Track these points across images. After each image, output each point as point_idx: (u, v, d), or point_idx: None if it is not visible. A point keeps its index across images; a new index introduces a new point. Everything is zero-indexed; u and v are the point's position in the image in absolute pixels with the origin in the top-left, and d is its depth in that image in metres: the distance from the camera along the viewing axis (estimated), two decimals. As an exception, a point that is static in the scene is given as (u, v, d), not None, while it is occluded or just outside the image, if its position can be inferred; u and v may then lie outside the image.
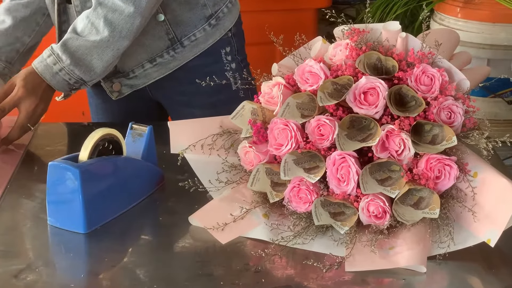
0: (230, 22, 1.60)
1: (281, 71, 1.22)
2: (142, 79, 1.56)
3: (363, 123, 1.11)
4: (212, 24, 1.56)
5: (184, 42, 1.54)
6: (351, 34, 1.16)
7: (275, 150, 1.14)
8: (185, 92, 1.61)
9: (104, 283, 1.04)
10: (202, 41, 1.56)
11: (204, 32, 1.55)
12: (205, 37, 1.56)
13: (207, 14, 1.55)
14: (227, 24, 1.59)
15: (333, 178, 1.09)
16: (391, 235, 1.09)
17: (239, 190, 1.20)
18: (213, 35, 1.57)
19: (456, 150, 1.09)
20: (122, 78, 1.55)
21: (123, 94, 1.56)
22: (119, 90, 1.55)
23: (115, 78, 1.55)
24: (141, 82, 1.56)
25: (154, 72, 1.55)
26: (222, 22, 1.58)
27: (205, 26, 1.55)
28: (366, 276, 1.03)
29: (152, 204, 1.23)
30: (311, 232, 1.11)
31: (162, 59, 1.54)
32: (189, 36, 1.54)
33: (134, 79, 1.56)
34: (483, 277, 1.04)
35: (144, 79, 1.56)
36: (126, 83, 1.55)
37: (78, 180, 1.11)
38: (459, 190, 1.08)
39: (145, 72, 1.55)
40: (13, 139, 1.41)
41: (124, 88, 1.56)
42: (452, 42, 1.30)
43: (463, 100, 1.11)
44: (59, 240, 1.14)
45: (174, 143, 1.27)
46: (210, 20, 1.55)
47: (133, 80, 1.56)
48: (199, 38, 1.55)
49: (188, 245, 1.11)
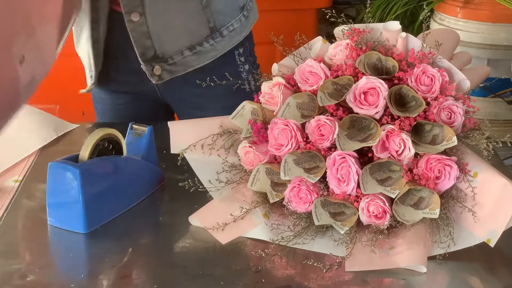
0: (254, 18, 1.60)
1: (281, 71, 1.22)
2: (181, 66, 1.54)
3: (363, 123, 1.11)
4: (246, 16, 1.57)
5: (223, 32, 1.53)
6: (351, 34, 1.16)
7: (275, 150, 1.14)
8: (199, 94, 1.58)
9: (104, 283, 1.04)
10: (238, 31, 1.56)
11: (240, 23, 1.56)
12: (241, 28, 1.56)
13: (241, 4, 1.56)
14: (252, 18, 1.59)
15: (333, 178, 1.09)
16: (391, 235, 1.09)
17: (239, 190, 1.20)
18: (245, 27, 1.57)
19: (456, 150, 1.09)
20: (162, 63, 1.52)
21: (163, 79, 1.53)
22: (159, 74, 1.53)
23: (155, 62, 1.52)
24: (181, 69, 1.54)
25: (193, 61, 1.54)
26: (251, 14, 1.59)
27: (240, 16, 1.55)
28: (366, 276, 1.03)
29: (152, 204, 1.23)
30: (311, 232, 1.11)
31: (202, 48, 1.53)
32: (227, 26, 1.54)
33: (173, 66, 1.53)
34: (483, 277, 1.04)
35: (183, 66, 1.54)
36: (166, 68, 1.53)
37: (78, 180, 1.11)
38: (459, 190, 1.08)
39: (184, 60, 1.53)
40: None
41: (164, 73, 1.53)
42: (452, 42, 1.30)
43: (463, 100, 1.11)
44: (59, 240, 1.14)
45: (174, 143, 1.27)
46: (243, 11, 1.56)
47: (172, 66, 1.53)
48: (236, 28, 1.55)
49: (188, 245, 1.11)
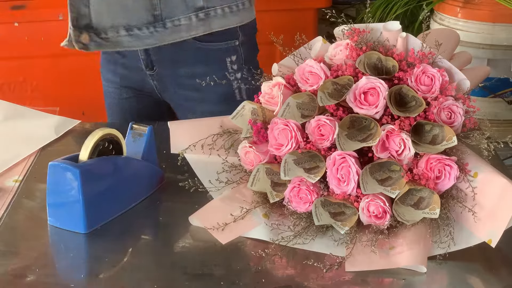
0: (219, 25, 1.54)
1: (281, 71, 1.22)
2: (112, 43, 1.50)
3: (363, 123, 1.11)
4: (200, 18, 1.51)
5: (167, 24, 1.49)
6: (351, 34, 1.16)
7: (275, 150, 1.14)
8: (190, 98, 1.59)
9: (104, 283, 1.04)
10: (185, 29, 1.51)
11: (190, 21, 1.51)
12: (189, 27, 1.51)
13: (198, 5, 1.51)
14: (214, 25, 1.53)
15: (333, 178, 1.09)
16: (391, 235, 1.09)
17: (239, 190, 1.20)
18: (196, 28, 1.52)
19: (456, 150, 1.09)
20: (93, 34, 1.48)
21: (89, 50, 1.50)
22: (86, 43, 1.49)
23: (85, 30, 1.48)
24: (111, 46, 1.50)
25: (128, 42, 1.49)
26: (211, 20, 1.53)
27: (191, 15, 1.50)
28: (366, 276, 1.03)
29: (152, 204, 1.23)
30: (311, 232, 1.11)
31: (140, 32, 1.49)
32: (173, 19, 1.50)
33: (104, 40, 1.49)
34: (483, 277, 1.04)
35: (114, 44, 1.50)
36: (95, 39, 1.49)
37: (78, 180, 1.11)
38: (459, 190, 1.08)
39: (118, 38, 1.49)
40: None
41: (92, 44, 1.49)
42: (452, 42, 1.30)
43: (463, 100, 1.11)
44: (59, 240, 1.14)
45: (174, 143, 1.27)
46: (199, 12, 1.51)
47: (103, 41, 1.49)
48: (183, 25, 1.50)
49: (188, 245, 1.11)
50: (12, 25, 2.38)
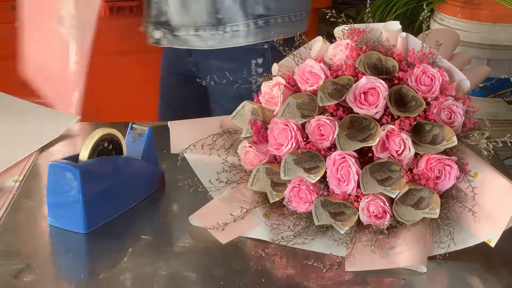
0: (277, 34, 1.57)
1: (281, 71, 1.22)
2: (181, 41, 1.61)
3: (363, 123, 1.11)
4: (259, 25, 1.58)
5: (227, 28, 1.57)
6: (351, 34, 1.16)
7: (275, 150, 1.14)
8: (214, 91, 1.66)
9: (104, 283, 1.04)
10: (243, 35, 1.58)
11: (247, 28, 1.57)
12: (247, 33, 1.58)
13: (257, 12, 1.57)
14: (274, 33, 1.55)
15: (333, 178, 1.09)
16: (391, 235, 1.09)
17: (239, 190, 1.20)
18: (255, 35, 1.58)
19: (456, 150, 1.09)
20: (167, 31, 1.60)
21: (160, 44, 1.62)
22: (158, 38, 1.61)
23: (161, 26, 1.60)
24: (179, 43, 1.61)
25: (193, 41, 1.60)
26: (270, 29, 1.58)
27: (249, 22, 1.57)
28: (366, 276, 1.03)
29: (152, 204, 1.23)
30: (311, 232, 1.11)
31: (204, 33, 1.58)
32: (232, 24, 1.57)
33: (175, 38, 1.60)
34: (483, 277, 1.04)
35: (182, 42, 1.61)
36: (168, 36, 1.61)
37: (78, 180, 1.11)
38: (459, 190, 1.08)
39: (186, 37, 1.59)
40: None
41: (164, 40, 1.61)
42: (452, 42, 1.30)
43: (463, 100, 1.11)
44: (59, 240, 1.14)
45: (174, 143, 1.27)
46: (257, 19, 1.58)
47: (174, 38, 1.61)
48: (241, 31, 1.58)
49: (188, 245, 1.11)
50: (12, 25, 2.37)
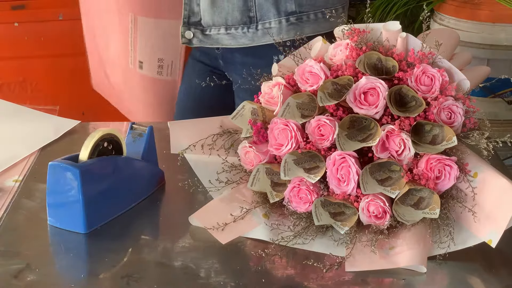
0: (311, 31, 1.58)
1: (281, 71, 1.22)
2: (212, 40, 1.62)
3: (363, 123, 1.11)
4: (291, 22, 1.57)
5: (259, 25, 1.57)
6: (351, 34, 1.16)
7: (275, 150, 1.14)
8: (237, 86, 1.66)
9: (104, 284, 1.04)
10: (275, 32, 1.57)
11: (279, 25, 1.57)
12: (279, 29, 1.57)
13: (289, 10, 1.56)
14: (307, 30, 1.57)
15: (333, 178, 1.09)
16: (391, 235, 1.09)
17: (239, 190, 1.20)
18: (287, 32, 1.57)
19: (456, 150, 1.09)
20: (198, 31, 1.61)
21: (191, 44, 1.63)
22: (190, 38, 1.62)
23: (193, 27, 1.61)
24: (211, 42, 1.62)
25: (224, 40, 1.60)
26: (303, 25, 1.58)
27: (282, 19, 1.57)
28: (366, 276, 1.03)
29: (152, 204, 1.23)
30: (311, 232, 1.11)
31: (235, 31, 1.59)
32: (265, 21, 1.57)
33: (206, 37, 1.61)
34: (483, 277, 1.04)
35: (213, 41, 1.62)
36: (198, 36, 1.62)
37: (78, 180, 1.11)
38: (459, 190, 1.08)
39: (217, 35, 1.60)
40: None
41: (195, 39, 1.62)
42: (452, 42, 1.30)
43: (463, 100, 1.11)
44: (59, 240, 1.14)
45: (174, 143, 1.27)
46: (289, 16, 1.57)
47: (205, 37, 1.62)
48: (273, 28, 1.57)
49: (188, 245, 1.11)
50: (12, 25, 2.38)
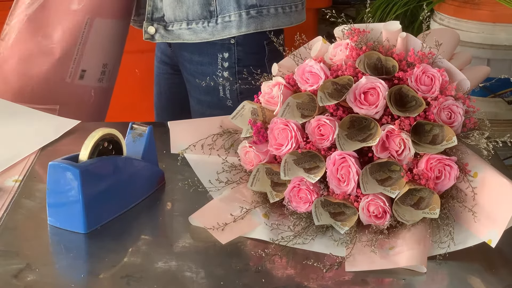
0: (271, 25, 1.59)
1: (281, 71, 1.22)
2: (173, 36, 1.61)
3: (363, 123, 1.11)
4: (251, 15, 1.57)
5: (219, 20, 1.57)
6: (351, 34, 1.16)
7: (275, 150, 1.14)
8: (187, 82, 1.67)
9: (104, 283, 1.04)
10: (234, 26, 1.57)
11: (239, 18, 1.57)
12: (239, 24, 1.57)
13: (250, 3, 1.56)
14: (267, 25, 1.58)
15: (333, 178, 1.09)
16: (391, 235, 1.09)
17: (239, 190, 1.20)
18: (247, 26, 1.57)
19: (456, 150, 1.09)
20: (161, 26, 1.61)
21: (154, 40, 1.62)
22: (152, 34, 1.61)
23: (156, 22, 1.61)
24: (173, 37, 1.61)
25: (186, 35, 1.60)
26: (263, 19, 1.58)
27: (242, 12, 1.56)
28: (366, 276, 1.03)
29: (152, 204, 1.23)
30: (311, 232, 1.11)
31: (196, 26, 1.58)
32: (224, 15, 1.56)
33: (168, 32, 1.61)
34: (483, 277, 1.04)
35: (175, 37, 1.61)
36: (161, 31, 1.61)
37: (78, 180, 1.11)
38: (459, 190, 1.08)
39: (179, 31, 1.60)
40: None
41: (157, 35, 1.62)
42: (452, 42, 1.30)
43: (463, 100, 1.11)
44: (59, 240, 1.14)
45: (174, 143, 1.27)
46: (249, 9, 1.57)
47: (167, 33, 1.61)
48: (233, 21, 1.56)
49: (188, 245, 1.11)
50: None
